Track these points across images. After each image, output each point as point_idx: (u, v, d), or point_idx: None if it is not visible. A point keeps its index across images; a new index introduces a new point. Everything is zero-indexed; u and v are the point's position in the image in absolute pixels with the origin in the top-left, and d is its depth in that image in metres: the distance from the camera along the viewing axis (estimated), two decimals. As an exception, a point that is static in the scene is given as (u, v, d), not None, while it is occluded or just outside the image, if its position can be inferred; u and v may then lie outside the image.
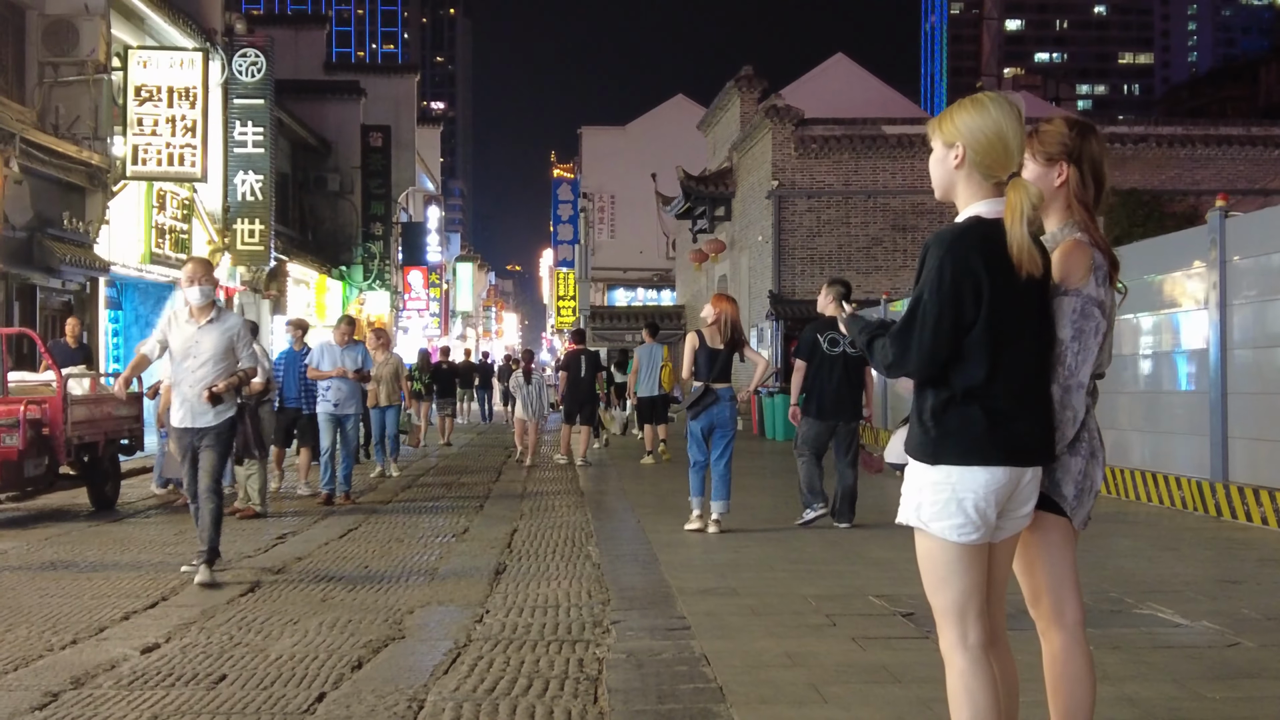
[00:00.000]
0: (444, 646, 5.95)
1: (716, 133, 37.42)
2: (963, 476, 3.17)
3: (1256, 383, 11.00)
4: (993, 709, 3.19)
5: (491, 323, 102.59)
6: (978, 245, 3.19)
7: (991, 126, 3.25)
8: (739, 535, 9.90)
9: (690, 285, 42.62)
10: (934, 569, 3.28)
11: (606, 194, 58.24)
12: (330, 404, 12.82)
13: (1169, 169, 28.05)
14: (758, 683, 5.09)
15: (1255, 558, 8.65)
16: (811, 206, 28.32)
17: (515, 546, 9.49)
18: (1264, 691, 4.95)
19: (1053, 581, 3.47)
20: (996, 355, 3.18)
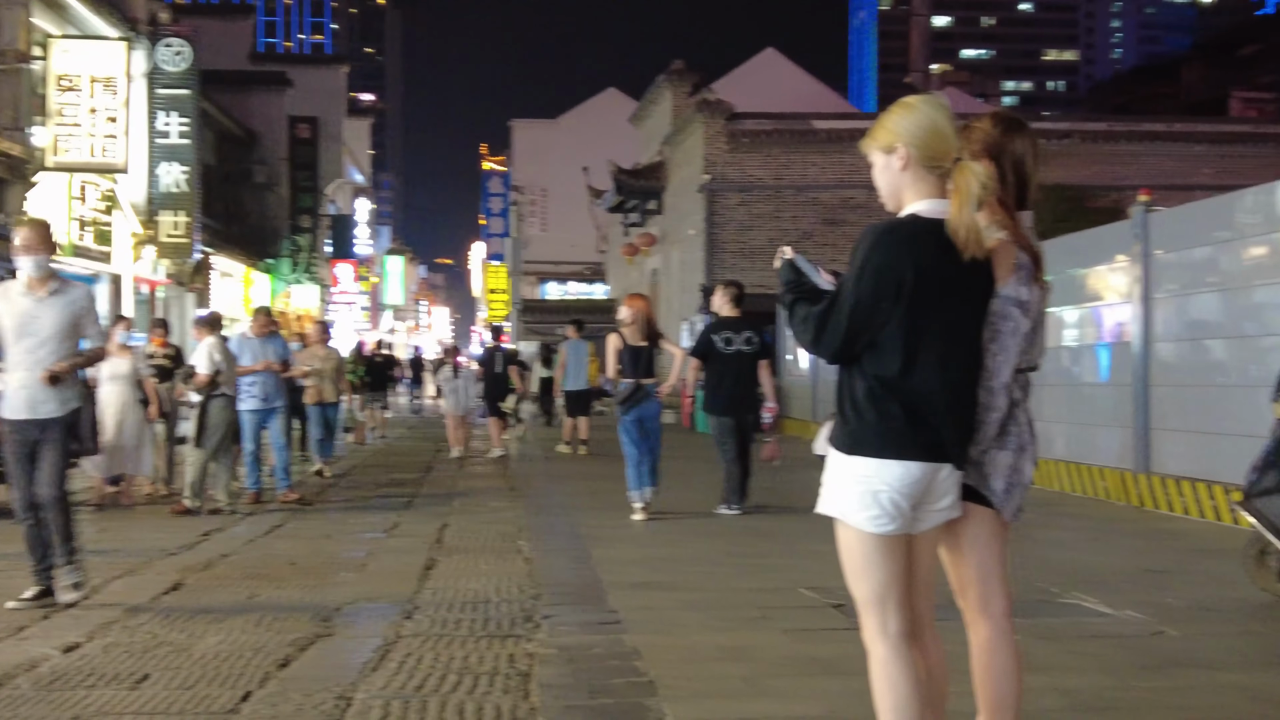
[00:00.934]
0: (373, 643, 5.88)
1: (648, 126, 37.42)
2: (879, 469, 3.19)
3: (1178, 375, 11.19)
4: (913, 697, 3.21)
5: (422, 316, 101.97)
6: (906, 241, 3.21)
7: (925, 120, 3.28)
8: (672, 528, 9.90)
9: (623, 279, 42.60)
10: (853, 559, 3.30)
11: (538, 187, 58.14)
12: (257, 400, 12.15)
13: (1093, 165, 28.44)
14: (691, 676, 5.08)
15: (1178, 547, 8.79)
16: (743, 200, 28.41)
17: (445, 542, 9.42)
18: (1191, 680, 5.02)
19: (980, 573, 3.49)
20: (914, 351, 3.20)
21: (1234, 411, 10.24)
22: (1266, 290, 10.08)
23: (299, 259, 38.75)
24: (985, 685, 3.51)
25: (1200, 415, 10.74)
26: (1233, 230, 10.62)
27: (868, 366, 3.22)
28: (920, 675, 3.26)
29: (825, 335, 3.24)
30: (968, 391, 3.30)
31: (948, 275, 3.21)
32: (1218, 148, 29.75)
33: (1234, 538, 8.86)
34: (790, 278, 3.44)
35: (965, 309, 3.28)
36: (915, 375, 3.19)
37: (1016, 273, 3.41)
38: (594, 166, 42.81)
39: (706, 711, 4.54)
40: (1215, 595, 6.87)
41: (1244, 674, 5.10)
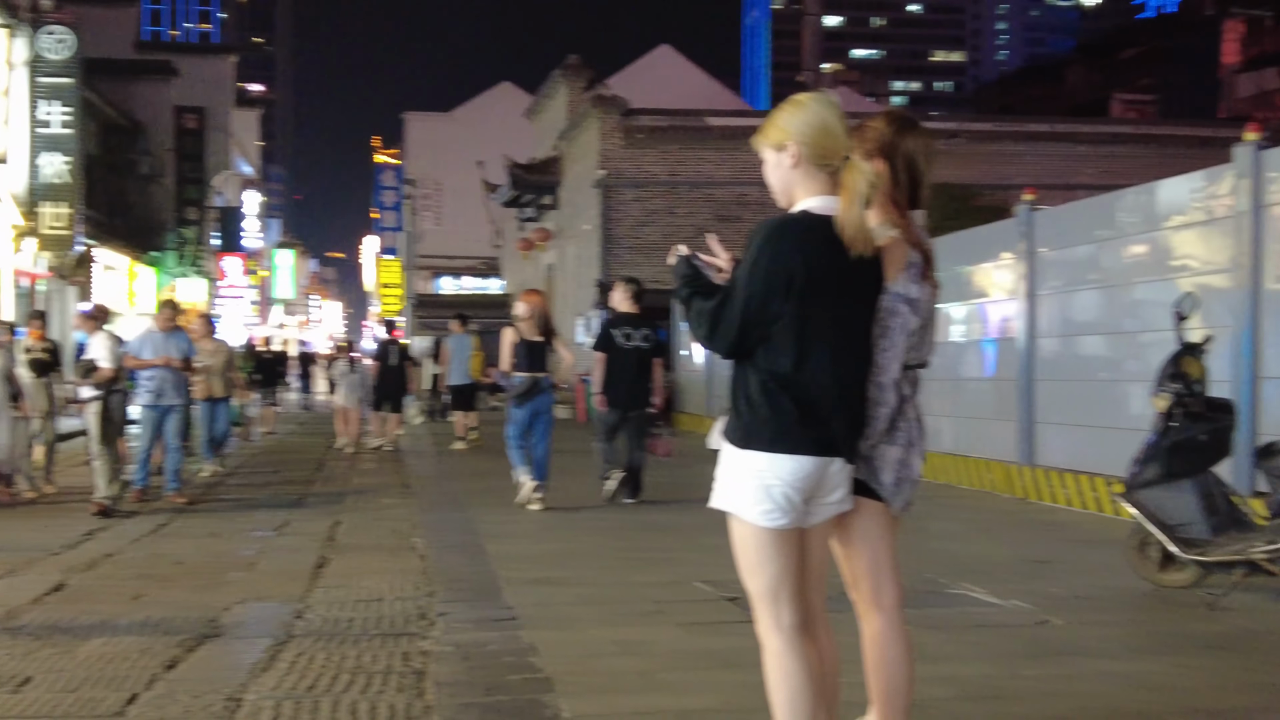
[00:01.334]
0: (263, 643, 5.78)
1: (543, 121, 37.32)
2: (771, 463, 3.21)
3: (1061, 370, 11.47)
4: (807, 688, 3.25)
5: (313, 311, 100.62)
6: (798, 237, 3.24)
7: (815, 118, 3.31)
8: (567, 523, 9.90)
9: (518, 273, 42.44)
10: (747, 553, 3.32)
11: (432, 181, 57.65)
12: (153, 395, 11.67)
13: (979, 164, 28.96)
14: (587, 672, 5.08)
15: (1062, 538, 9.00)
16: (638, 196, 28.46)
17: (337, 539, 9.30)
18: (1074, 668, 5.15)
19: (871, 566, 3.55)
20: (806, 347, 3.23)
21: (1115, 406, 10.52)
22: (1145, 287, 10.37)
23: (185, 252, 38.01)
24: (878, 676, 3.56)
25: (1082, 409, 11.01)
26: (1113, 229, 10.90)
27: (761, 362, 3.24)
28: (814, 667, 3.29)
29: (719, 331, 3.26)
30: (858, 387, 3.34)
31: (838, 272, 3.24)
32: (1099, 148, 30.53)
33: (1115, 528, 9.10)
34: (686, 272, 3.45)
35: (855, 305, 3.32)
36: (807, 370, 3.22)
37: (907, 270, 3.46)
38: (489, 160, 42.56)
39: (603, 706, 4.54)
40: (1098, 585, 7.04)
41: (1126, 662, 5.24)
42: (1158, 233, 10.29)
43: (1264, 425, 8.69)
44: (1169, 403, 6.77)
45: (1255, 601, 6.41)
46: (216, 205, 43.41)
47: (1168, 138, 31.09)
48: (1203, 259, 9.68)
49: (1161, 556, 6.88)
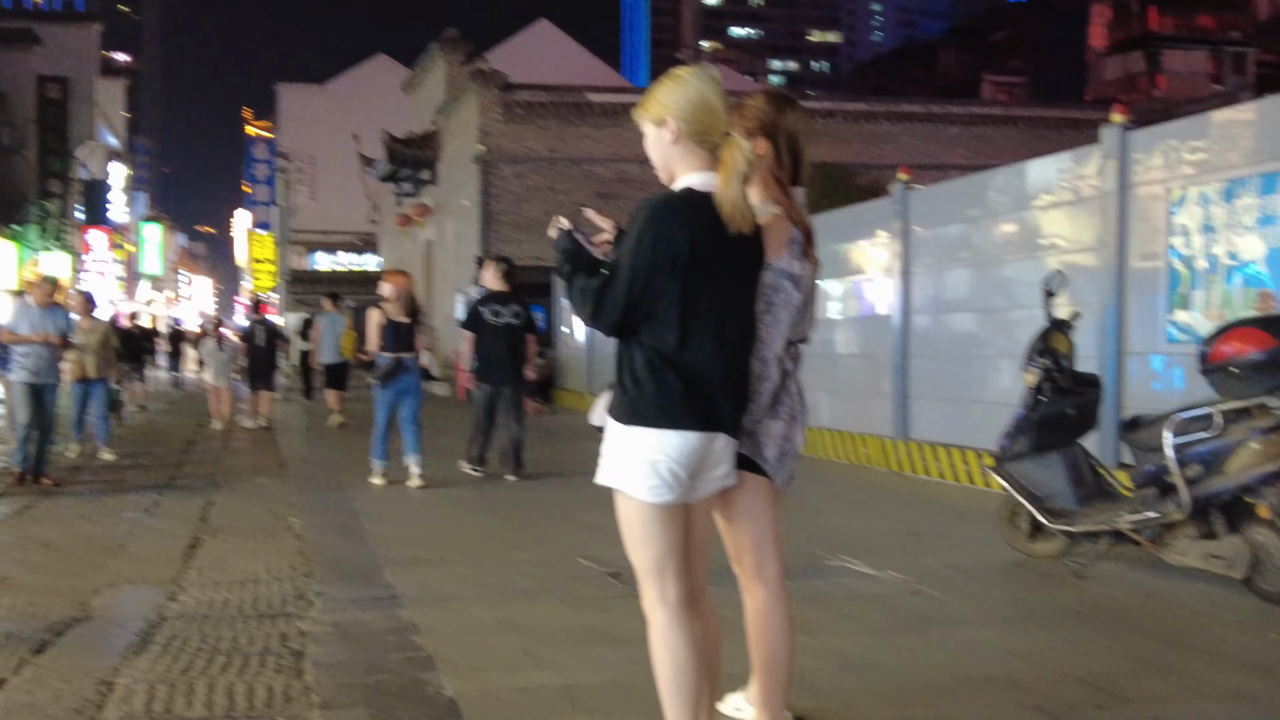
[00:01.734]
0: (135, 626, 5.64)
1: (421, 95, 36.85)
2: (658, 439, 3.22)
3: (934, 346, 11.70)
4: (692, 662, 3.28)
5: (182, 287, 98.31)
6: (682, 214, 3.24)
7: (695, 94, 3.30)
8: (447, 502, 9.84)
9: (396, 249, 41.94)
10: (632, 529, 3.33)
11: (306, 154, 56.65)
12: (28, 373, 11.17)
13: (854, 143, 29.40)
14: (470, 649, 5.06)
15: (935, 510, 9.20)
16: (518, 172, 28.32)
17: (211, 520, 9.11)
18: (948, 637, 5.27)
19: (754, 540, 3.59)
20: (693, 322, 3.24)
21: (986, 381, 10.78)
22: (1015, 265, 10.62)
23: (48, 226, 36.82)
24: (760, 648, 3.61)
25: (954, 385, 11.26)
26: (984, 208, 11.15)
27: (646, 339, 3.25)
28: (698, 641, 3.32)
29: (603, 309, 3.24)
30: (742, 363, 3.37)
31: (721, 249, 3.26)
32: (970, 129, 31.17)
33: (987, 500, 9.33)
34: (568, 247, 3.42)
35: (738, 282, 3.35)
36: (692, 347, 3.23)
37: (789, 247, 3.50)
38: (365, 134, 41.99)
39: (486, 684, 4.53)
40: (970, 556, 7.21)
41: (997, 630, 5.38)
42: (1027, 212, 10.54)
43: (1129, 399, 8.98)
44: (1038, 378, 6.96)
45: (1120, 570, 6.62)
46: (81, 178, 42.14)
47: (1036, 119, 31.88)
48: (1070, 238, 9.95)
49: (1031, 527, 7.09)
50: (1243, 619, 5.50)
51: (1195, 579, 6.28)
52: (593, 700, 4.30)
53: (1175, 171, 8.75)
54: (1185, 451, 6.01)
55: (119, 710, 4.32)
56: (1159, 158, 8.93)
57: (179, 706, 4.35)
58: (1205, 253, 8.43)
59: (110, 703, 4.43)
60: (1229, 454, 5.87)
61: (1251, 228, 8.02)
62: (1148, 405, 8.25)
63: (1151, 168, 8.98)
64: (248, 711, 4.29)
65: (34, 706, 4.39)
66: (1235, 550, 5.81)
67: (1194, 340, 8.24)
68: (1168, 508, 6.06)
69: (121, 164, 54.64)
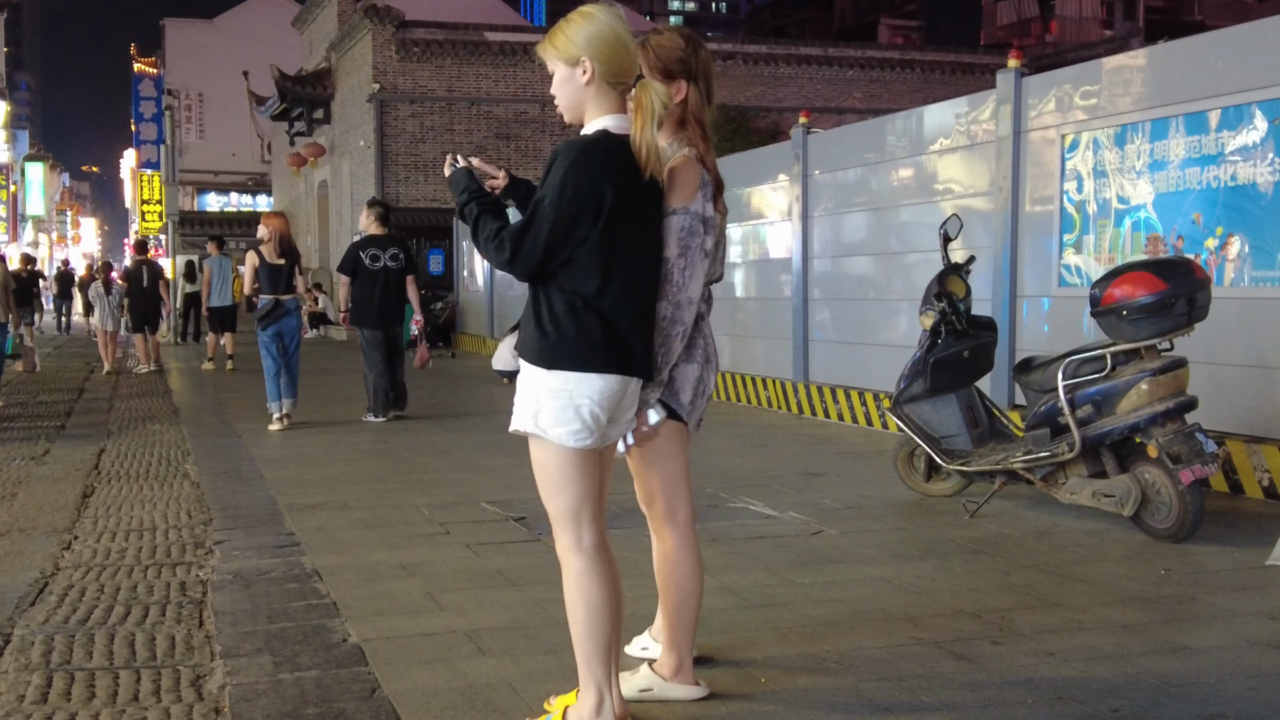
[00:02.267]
0: (29, 576, 5.53)
1: (313, 31, 36.06)
2: (580, 383, 3.21)
3: (832, 289, 11.83)
4: (607, 606, 3.30)
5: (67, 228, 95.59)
6: (602, 158, 3.20)
7: (609, 33, 3.25)
8: (345, 448, 9.77)
9: (289, 190, 41.18)
10: (550, 475, 3.30)
11: (194, 91, 55.26)
12: None
13: (754, 86, 29.45)
14: (373, 595, 5.04)
15: (833, 451, 9.34)
16: (415, 112, 27.91)
17: (104, 468, 8.95)
18: (846, 575, 5.37)
19: (666, 484, 3.62)
20: (612, 268, 3.23)
21: (884, 324, 10.93)
22: (912, 210, 10.75)
23: (-76, 165, 35.49)
24: (669, 590, 3.65)
25: (853, 327, 11.41)
26: (882, 153, 11.24)
27: (565, 283, 3.22)
28: (611, 585, 3.34)
29: (520, 254, 3.19)
30: (651, 308, 3.36)
31: (635, 194, 3.25)
32: (867, 73, 31.37)
33: (884, 441, 9.51)
34: (469, 185, 3.37)
35: (646, 227, 3.34)
36: (611, 291, 3.22)
37: (702, 189, 3.48)
38: (255, 71, 40.99)
39: (389, 629, 4.52)
40: (868, 495, 7.34)
41: (892, 567, 5.50)
42: (924, 157, 10.65)
43: (1022, 341, 9.18)
44: (934, 320, 7.06)
45: (1013, 508, 6.79)
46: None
47: (932, 63, 32.18)
48: (966, 183, 10.09)
49: (927, 467, 7.23)
50: (1131, 554, 5.68)
51: (1086, 516, 6.47)
52: (496, 643, 4.32)
53: (1068, 117, 8.90)
54: (1077, 393, 6.16)
55: (17, 661, 4.24)
56: (1052, 103, 9.07)
57: (78, 657, 4.29)
58: (1096, 197, 8.61)
59: (7, 654, 4.34)
60: (1119, 395, 6.03)
61: (1142, 172, 8.20)
62: (1040, 347, 8.44)
63: (1045, 113, 9.13)
64: (149, 661, 4.24)
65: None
66: (1124, 488, 5.99)
67: (1085, 283, 8.43)
68: (1059, 448, 6.22)
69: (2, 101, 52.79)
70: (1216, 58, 7.74)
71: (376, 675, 3.98)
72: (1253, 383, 7.31)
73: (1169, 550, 5.72)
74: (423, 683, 3.90)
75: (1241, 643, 4.28)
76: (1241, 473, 7.17)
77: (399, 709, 3.66)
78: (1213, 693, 3.76)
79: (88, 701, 3.83)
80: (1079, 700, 3.70)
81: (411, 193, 27.84)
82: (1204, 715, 3.57)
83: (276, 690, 3.86)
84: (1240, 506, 6.84)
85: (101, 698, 3.87)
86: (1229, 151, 7.52)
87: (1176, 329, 5.94)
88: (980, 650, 4.21)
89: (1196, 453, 5.79)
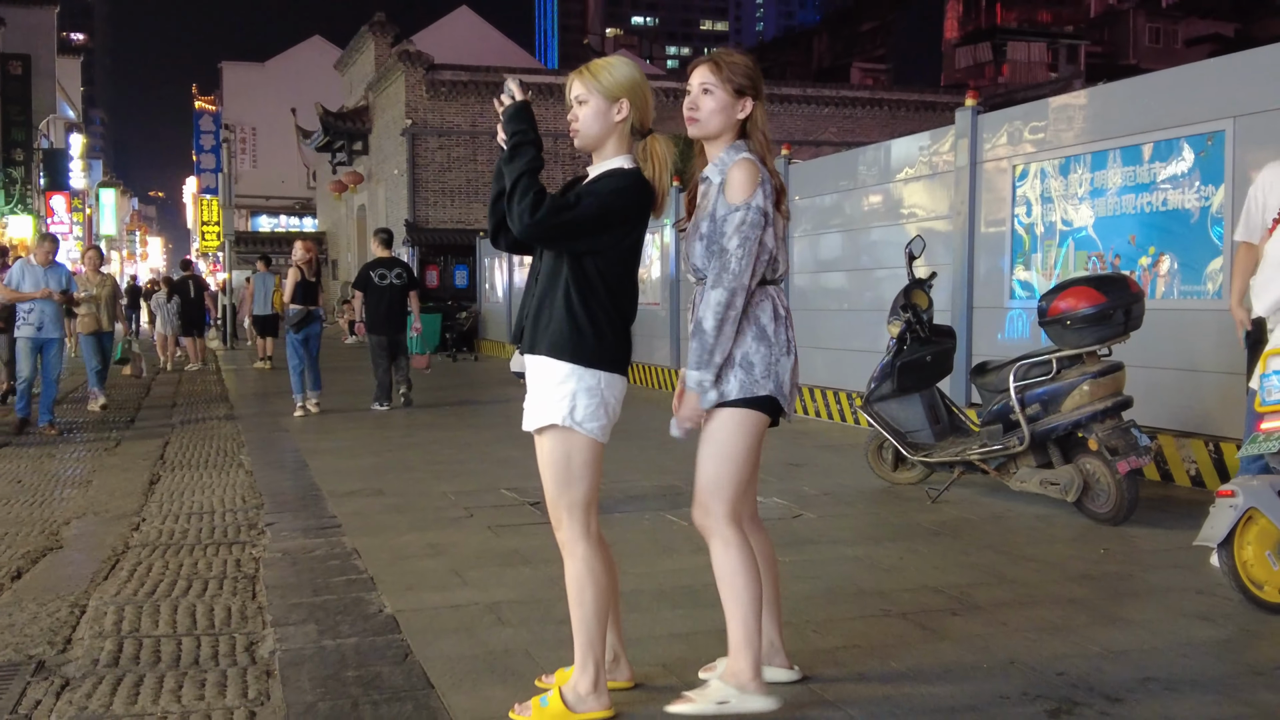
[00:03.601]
0: (102, 554, 5.53)
1: (353, 73, 36.08)
2: (610, 381, 3.17)
3: (811, 301, 11.80)
4: (609, 588, 3.25)
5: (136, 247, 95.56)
6: (645, 189, 3.19)
7: (644, 84, 3.22)
8: (377, 441, 9.75)
9: (331, 213, 41.19)
10: (572, 467, 3.19)
11: (248, 126, 55.25)
12: (33, 328, 10.56)
13: (742, 121, 29.39)
14: (404, 572, 5.03)
15: (812, 444, 9.31)
16: (442, 144, 27.91)
17: (168, 458, 8.93)
18: (822, 554, 5.36)
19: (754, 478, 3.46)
20: (627, 284, 3.22)
21: (855, 331, 10.90)
22: (880, 231, 10.73)
23: (13, 191, 35.54)
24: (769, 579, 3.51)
25: (829, 335, 11.38)
26: (854, 180, 11.22)
27: (600, 290, 3.14)
28: (611, 568, 3.31)
29: (545, 220, 3.06)
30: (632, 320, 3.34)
31: (648, 224, 3.27)
32: (841, 110, 31.35)
33: (856, 435, 9.49)
34: (527, 129, 3.21)
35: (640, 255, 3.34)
36: (625, 301, 3.21)
37: (762, 186, 3.17)
38: (302, 108, 40.99)
39: (419, 602, 4.51)
40: (842, 483, 7.32)
41: (863, 547, 5.48)
42: (891, 184, 10.64)
43: (978, 347, 9.15)
44: (901, 329, 7.05)
45: (969, 495, 6.78)
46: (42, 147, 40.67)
47: (898, 102, 32.16)
48: (928, 207, 10.07)
49: (894, 459, 7.21)
50: (1074, 536, 5.67)
51: (1035, 502, 6.45)
52: (513, 614, 4.31)
53: (1018, 149, 8.89)
54: (1026, 393, 6.15)
55: (91, 629, 4.24)
56: (1005, 137, 9.05)
57: (145, 626, 4.28)
58: (1043, 220, 8.60)
59: (83, 623, 4.34)
60: (1064, 395, 6.01)
61: (1083, 198, 8.18)
62: (994, 352, 8.42)
63: (998, 146, 9.11)
64: (208, 629, 4.23)
65: (13, 627, 4.29)
66: (1069, 477, 5.97)
67: (1034, 296, 8.42)
68: (1011, 441, 6.20)
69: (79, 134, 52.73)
70: (1149, 98, 7.73)
71: (408, 642, 3.96)
72: (1182, 384, 7.30)
73: (1108, 532, 5.71)
74: (449, 649, 3.89)
75: (1173, 615, 4.27)
76: (1172, 464, 7.15)
77: (428, 672, 3.65)
78: (1148, 659, 3.75)
79: (154, 665, 3.82)
80: (1029, 665, 3.68)
81: (439, 215, 27.83)
82: (1140, 678, 3.55)
83: (320, 655, 3.85)
84: (1171, 494, 6.83)
85: (166, 661, 3.86)
86: (1160, 180, 7.50)
87: (1114, 337, 5.93)
88: (942, 621, 4.19)
89: (1132, 446, 5.78)
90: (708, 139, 3.27)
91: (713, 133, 3.24)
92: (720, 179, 3.20)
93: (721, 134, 3.24)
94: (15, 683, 3.65)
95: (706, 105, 3.22)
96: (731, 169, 3.16)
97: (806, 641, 3.95)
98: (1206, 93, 7.25)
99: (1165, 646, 3.88)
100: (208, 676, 3.69)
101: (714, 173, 3.24)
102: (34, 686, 3.62)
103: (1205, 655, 3.81)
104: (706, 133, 3.24)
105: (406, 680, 3.59)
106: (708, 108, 3.22)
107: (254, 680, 3.65)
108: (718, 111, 3.22)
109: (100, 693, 3.55)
